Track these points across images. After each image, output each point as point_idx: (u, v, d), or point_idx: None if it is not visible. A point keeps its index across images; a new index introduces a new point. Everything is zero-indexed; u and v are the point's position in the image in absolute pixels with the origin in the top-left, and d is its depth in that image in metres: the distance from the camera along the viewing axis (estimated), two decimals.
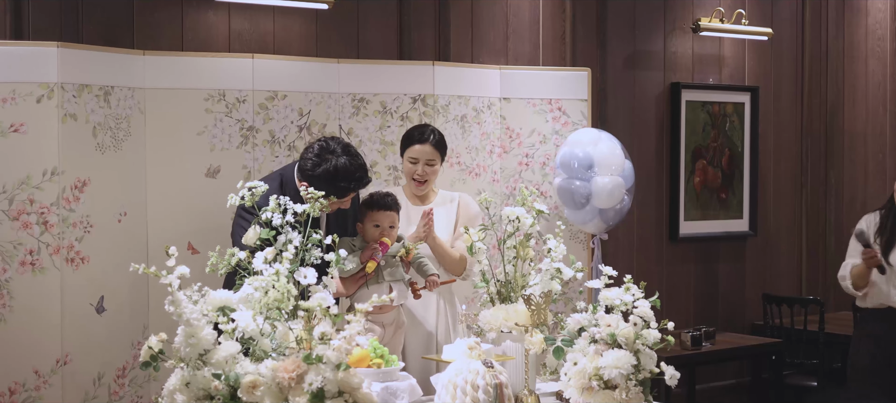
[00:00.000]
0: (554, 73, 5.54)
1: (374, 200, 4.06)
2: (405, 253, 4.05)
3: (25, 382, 4.14)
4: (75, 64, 4.24)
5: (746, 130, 7.18)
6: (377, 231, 4.02)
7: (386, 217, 4.04)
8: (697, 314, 7.03)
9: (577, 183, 5.22)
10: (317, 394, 2.75)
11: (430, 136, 4.38)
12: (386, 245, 3.98)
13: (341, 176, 3.83)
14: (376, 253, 3.95)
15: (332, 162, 3.84)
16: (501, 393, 3.10)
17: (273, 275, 2.99)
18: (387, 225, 4.03)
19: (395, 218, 4.07)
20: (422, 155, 4.35)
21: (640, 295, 3.40)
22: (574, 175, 5.22)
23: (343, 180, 3.83)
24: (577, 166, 5.21)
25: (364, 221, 4.07)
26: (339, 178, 3.83)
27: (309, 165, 3.87)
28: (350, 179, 3.85)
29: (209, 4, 5.16)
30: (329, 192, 3.73)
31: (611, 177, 5.24)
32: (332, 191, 3.79)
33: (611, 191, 5.24)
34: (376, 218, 4.03)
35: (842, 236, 7.72)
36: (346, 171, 3.84)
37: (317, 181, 3.79)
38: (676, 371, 3.28)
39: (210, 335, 2.83)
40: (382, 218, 4.03)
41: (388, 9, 5.69)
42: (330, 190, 3.74)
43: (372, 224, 4.04)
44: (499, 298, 3.82)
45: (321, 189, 3.56)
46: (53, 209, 4.16)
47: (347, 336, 2.83)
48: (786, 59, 7.43)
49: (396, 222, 4.08)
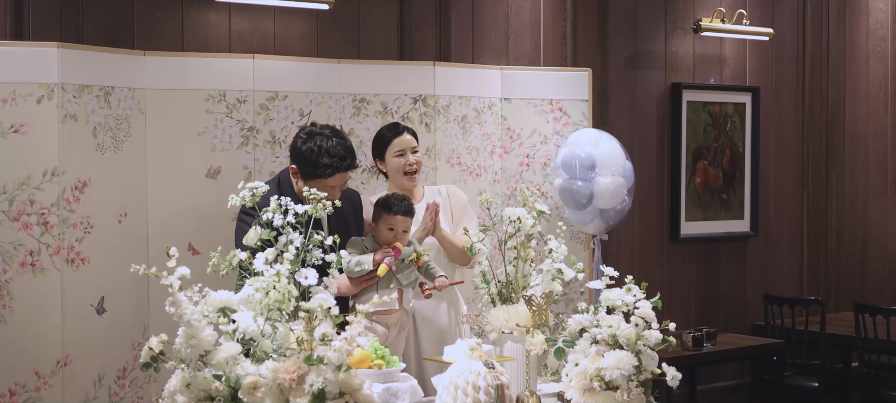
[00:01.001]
0: (555, 74, 5.54)
1: (392, 202, 4.01)
2: (416, 257, 4.03)
3: (26, 383, 4.13)
4: (76, 64, 4.23)
5: (747, 130, 7.17)
6: (391, 234, 3.98)
7: (402, 222, 3.99)
8: (699, 314, 7.02)
9: (579, 183, 5.22)
10: (318, 395, 2.75)
11: (404, 129, 4.37)
12: (399, 250, 3.94)
13: (325, 153, 3.86)
14: (389, 257, 3.92)
15: (318, 141, 3.89)
16: (502, 394, 3.10)
17: (274, 276, 2.99)
18: (401, 229, 3.99)
19: (409, 223, 4.03)
20: (406, 144, 4.33)
21: (641, 295, 3.39)
22: (576, 175, 5.22)
23: (326, 156, 3.86)
24: (578, 166, 5.21)
25: (378, 222, 4.02)
26: (323, 155, 3.86)
27: (298, 143, 3.93)
28: (333, 156, 3.87)
29: (210, 5, 5.16)
30: (312, 172, 3.81)
31: (612, 178, 5.24)
32: (315, 170, 3.83)
33: (613, 191, 5.24)
34: (392, 222, 3.98)
35: (843, 236, 7.72)
36: (330, 150, 3.87)
37: (302, 158, 3.88)
38: (678, 371, 3.27)
39: (211, 336, 2.82)
40: (398, 222, 3.98)
41: (389, 9, 5.69)
42: (313, 168, 3.82)
43: (386, 226, 3.99)
44: (500, 299, 3.81)
45: (305, 168, 3.60)
46: (54, 210, 4.15)
47: (348, 337, 2.82)
48: (787, 59, 7.43)
49: (410, 228, 4.05)
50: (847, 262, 7.80)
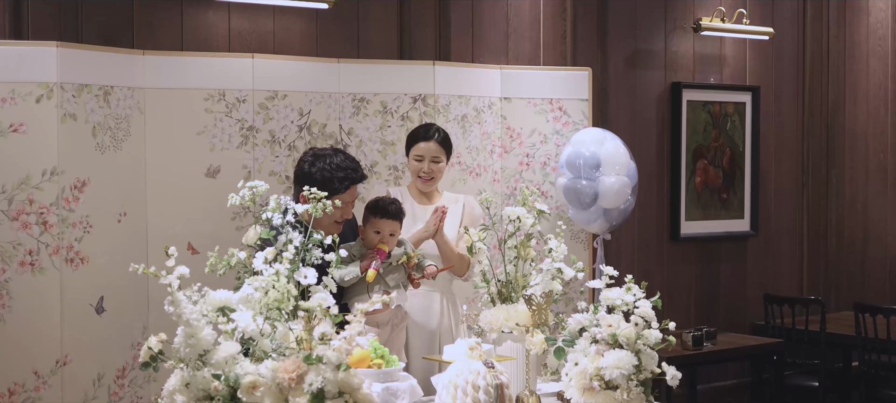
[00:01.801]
0: (555, 73, 5.54)
1: (379, 206, 4.02)
2: (407, 259, 4.02)
3: (25, 383, 4.13)
4: (75, 64, 4.23)
5: (747, 130, 7.17)
6: (377, 237, 3.99)
7: (388, 225, 3.99)
8: (699, 314, 7.02)
9: (584, 182, 5.21)
10: (317, 395, 2.74)
11: (435, 134, 4.39)
12: (383, 252, 3.93)
13: (337, 168, 3.94)
14: (375, 261, 3.92)
15: (327, 160, 3.96)
16: (502, 394, 3.09)
17: (273, 276, 2.98)
18: (387, 232, 3.99)
19: (397, 226, 4.03)
20: (426, 152, 4.36)
21: (641, 295, 3.39)
22: (580, 174, 5.21)
23: (340, 171, 3.93)
24: (582, 166, 5.19)
25: (366, 225, 4.03)
26: (337, 171, 3.93)
27: (306, 167, 3.96)
28: (346, 169, 3.95)
29: (209, 4, 5.15)
30: (329, 189, 3.78)
31: (617, 177, 5.23)
32: (332, 187, 3.86)
33: (617, 190, 5.24)
34: (378, 225, 3.99)
35: (843, 236, 7.72)
36: (341, 164, 3.95)
37: (314, 181, 3.82)
38: (678, 371, 3.27)
39: (210, 335, 2.82)
40: (384, 225, 3.99)
41: (389, 8, 5.68)
42: (329, 186, 3.84)
43: (373, 229, 4.00)
44: (499, 298, 3.81)
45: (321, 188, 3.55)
46: (53, 209, 4.15)
47: (347, 336, 2.82)
48: (787, 58, 7.43)
49: (398, 231, 4.04)
50: (847, 262, 7.80)
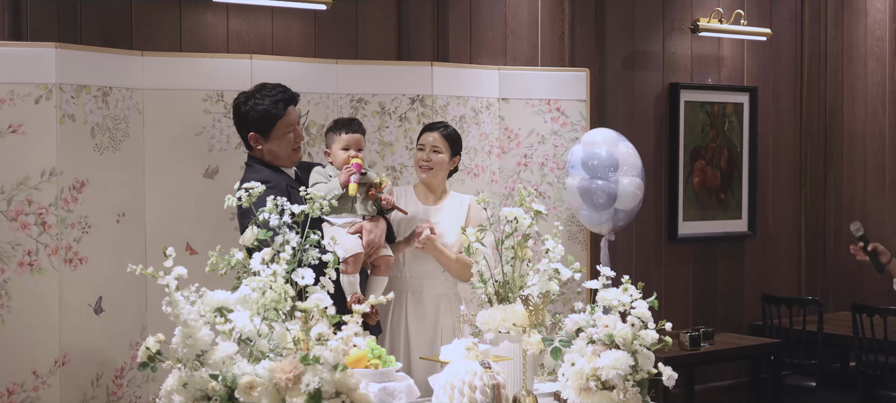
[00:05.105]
0: (553, 74, 5.54)
1: (340, 123, 4.28)
2: (379, 183, 4.18)
3: (24, 383, 4.14)
4: (73, 64, 4.24)
5: (745, 131, 7.18)
6: (345, 153, 4.19)
7: (352, 139, 4.21)
8: (696, 314, 7.03)
9: (599, 182, 5.20)
10: (314, 395, 2.75)
11: (441, 127, 4.47)
12: (358, 164, 4.11)
13: (269, 97, 4.07)
14: (354, 175, 4.08)
15: (256, 94, 4.09)
16: (499, 394, 3.10)
17: (270, 276, 2.99)
18: (354, 146, 4.20)
19: (361, 140, 4.25)
20: (427, 142, 4.42)
21: (637, 295, 3.40)
22: (596, 175, 5.20)
23: (271, 98, 4.06)
24: (598, 166, 5.19)
25: (331, 146, 4.25)
26: (269, 99, 4.05)
27: (242, 109, 4.09)
28: (276, 94, 4.08)
29: (207, 5, 5.16)
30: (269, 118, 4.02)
31: (632, 178, 5.25)
32: (270, 115, 4.02)
33: (633, 192, 5.26)
34: (343, 141, 4.21)
35: (841, 236, 7.72)
36: (271, 93, 4.09)
37: (253, 116, 4.06)
38: (675, 371, 3.28)
39: (207, 335, 2.83)
40: (348, 140, 4.21)
41: (387, 9, 5.69)
42: (268, 115, 4.02)
43: (339, 147, 4.21)
44: (497, 299, 3.82)
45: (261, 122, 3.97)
46: (52, 209, 4.16)
47: (344, 337, 2.83)
48: (785, 59, 7.43)
49: (363, 144, 4.27)
50: (845, 262, 7.79)
